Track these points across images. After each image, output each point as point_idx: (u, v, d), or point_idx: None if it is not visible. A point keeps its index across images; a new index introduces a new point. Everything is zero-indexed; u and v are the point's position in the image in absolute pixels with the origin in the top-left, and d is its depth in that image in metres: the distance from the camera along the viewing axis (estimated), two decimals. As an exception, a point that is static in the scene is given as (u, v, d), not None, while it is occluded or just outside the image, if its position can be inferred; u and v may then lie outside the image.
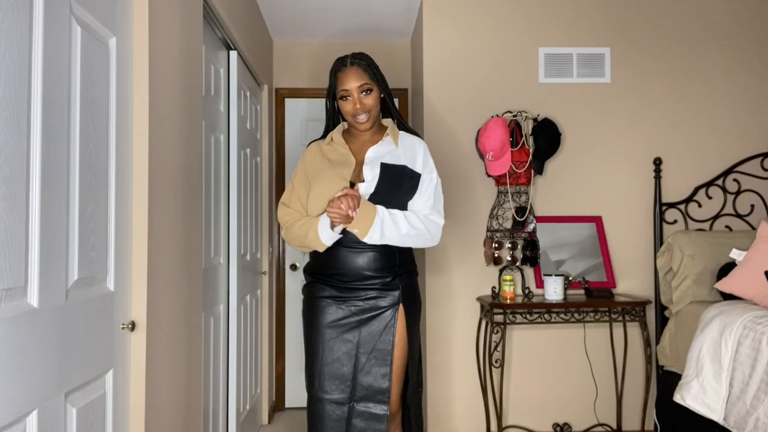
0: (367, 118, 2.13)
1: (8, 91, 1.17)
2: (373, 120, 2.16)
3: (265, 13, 3.73)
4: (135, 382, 1.75)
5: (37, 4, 1.29)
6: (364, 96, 2.12)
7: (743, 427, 2.37)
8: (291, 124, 4.27)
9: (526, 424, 3.36)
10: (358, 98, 2.11)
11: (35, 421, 1.26)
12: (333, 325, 2.08)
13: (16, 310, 1.20)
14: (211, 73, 2.70)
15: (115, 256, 1.66)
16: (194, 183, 2.29)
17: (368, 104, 2.12)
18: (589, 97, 3.48)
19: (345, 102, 2.13)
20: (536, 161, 3.30)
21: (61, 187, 1.38)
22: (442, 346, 3.38)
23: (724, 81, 3.51)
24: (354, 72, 2.12)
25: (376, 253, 2.08)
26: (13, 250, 1.19)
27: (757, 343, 2.37)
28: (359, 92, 2.11)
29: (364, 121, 2.13)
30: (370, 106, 2.12)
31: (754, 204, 3.44)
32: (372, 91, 2.13)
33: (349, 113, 2.14)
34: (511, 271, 3.30)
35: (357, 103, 2.11)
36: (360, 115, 2.12)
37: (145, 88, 1.78)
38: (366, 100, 2.12)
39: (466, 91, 3.44)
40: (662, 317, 3.34)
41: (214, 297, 2.73)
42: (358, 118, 2.13)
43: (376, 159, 2.11)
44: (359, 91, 2.11)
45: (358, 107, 2.11)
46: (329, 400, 2.04)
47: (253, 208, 3.49)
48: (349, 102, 2.12)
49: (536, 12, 3.48)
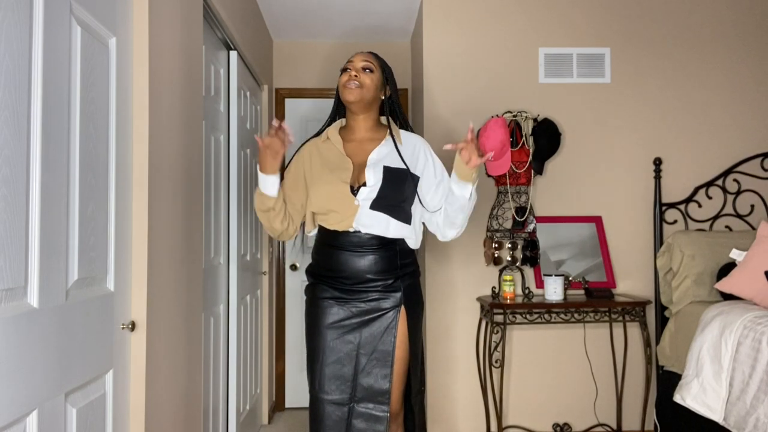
0: (357, 88, 2.08)
1: (8, 91, 1.17)
2: (360, 98, 2.10)
3: (265, 13, 3.73)
4: (135, 382, 1.75)
5: (37, 4, 1.29)
6: (364, 72, 2.11)
7: (743, 427, 2.37)
8: (291, 124, 4.27)
9: (526, 424, 3.36)
10: (356, 69, 2.10)
11: (35, 421, 1.26)
12: (335, 325, 2.07)
13: (16, 310, 1.20)
14: (211, 73, 2.70)
15: (115, 256, 1.66)
16: (194, 183, 2.29)
17: (364, 80, 2.09)
18: (589, 97, 3.48)
19: (344, 74, 2.12)
20: (536, 161, 3.30)
21: (61, 187, 1.37)
22: (442, 346, 3.38)
23: (724, 81, 3.51)
24: (363, 54, 2.15)
25: (378, 255, 2.07)
26: (13, 250, 1.19)
27: (757, 343, 2.37)
28: (360, 67, 2.11)
29: (351, 89, 2.08)
30: (365, 81, 2.09)
31: (754, 204, 3.44)
32: (373, 72, 2.12)
33: (342, 83, 2.11)
34: (511, 271, 3.30)
35: (353, 71, 2.10)
36: (351, 82, 2.08)
37: (145, 88, 1.78)
38: (363, 76, 2.10)
39: (466, 91, 3.44)
40: (662, 317, 3.34)
41: (214, 297, 2.73)
42: (348, 84, 2.09)
43: (378, 161, 2.10)
44: (361, 67, 2.11)
45: (353, 75, 2.09)
46: (329, 401, 2.04)
47: (253, 208, 3.49)
48: (346, 73, 2.11)
49: (536, 12, 3.48)
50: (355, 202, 2.04)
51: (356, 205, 2.04)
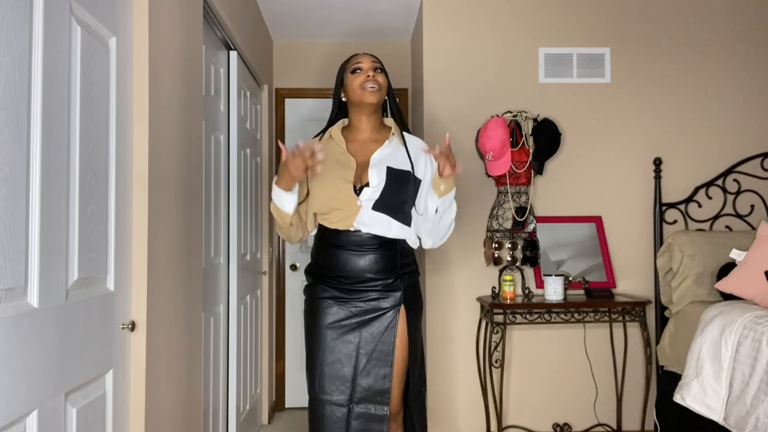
0: (377, 89, 2.08)
1: (8, 91, 1.17)
2: (380, 99, 2.11)
3: (265, 13, 3.73)
4: (135, 382, 1.75)
5: (37, 4, 1.29)
6: (376, 72, 2.10)
7: (743, 427, 2.37)
8: (291, 124, 4.28)
9: (526, 424, 3.36)
10: (370, 69, 2.10)
11: (35, 421, 1.26)
12: (334, 325, 2.07)
13: (16, 310, 1.20)
14: (211, 73, 2.70)
15: (115, 256, 1.66)
16: (194, 183, 2.29)
17: (379, 80, 2.10)
18: (589, 97, 3.48)
19: (355, 75, 2.10)
20: (536, 161, 3.30)
21: (61, 187, 1.38)
22: (442, 346, 3.38)
23: (724, 81, 3.51)
24: (369, 56, 2.15)
25: (378, 255, 2.07)
26: (13, 250, 1.19)
27: (757, 343, 2.37)
28: (372, 68, 2.11)
29: (374, 90, 2.07)
30: (380, 82, 2.10)
31: (754, 204, 3.44)
32: (383, 73, 2.13)
33: (358, 86, 2.09)
34: (511, 271, 3.30)
35: (369, 72, 2.09)
36: (369, 83, 2.07)
37: (145, 88, 1.78)
38: (378, 77, 2.10)
39: (466, 91, 3.44)
40: (662, 317, 3.34)
41: (214, 297, 2.73)
42: (367, 86, 2.07)
43: (382, 162, 2.09)
44: (372, 67, 2.11)
45: (370, 75, 2.08)
46: (329, 401, 2.04)
47: (253, 208, 3.49)
48: (360, 74, 2.10)
49: (536, 12, 3.48)
50: (358, 203, 2.04)
51: (358, 205, 2.04)
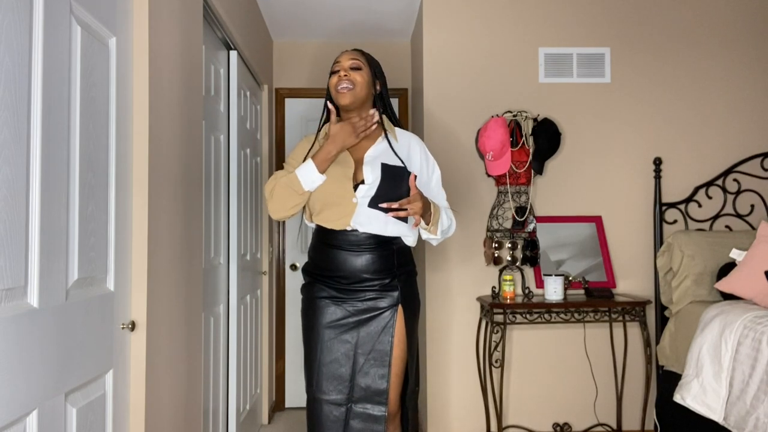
0: (349, 90, 2.07)
1: (8, 91, 1.17)
2: (355, 99, 2.09)
3: (265, 13, 3.73)
4: (135, 382, 1.75)
5: (37, 4, 1.29)
6: (353, 71, 2.09)
7: (743, 427, 2.37)
8: (291, 124, 4.28)
9: (526, 424, 3.36)
10: (344, 69, 2.09)
11: (35, 421, 1.26)
12: (332, 325, 2.07)
13: (16, 310, 1.20)
14: (211, 73, 2.70)
15: (115, 256, 1.66)
16: (194, 183, 2.29)
17: (354, 78, 2.08)
18: (589, 97, 3.48)
19: (333, 76, 2.11)
20: (536, 161, 3.30)
21: (61, 187, 1.38)
22: (442, 346, 3.38)
23: (725, 81, 3.51)
24: (349, 53, 2.14)
25: (375, 254, 2.07)
26: (13, 250, 1.19)
27: (757, 343, 2.37)
28: (349, 67, 2.10)
29: (344, 92, 2.06)
30: (355, 80, 2.08)
31: (754, 204, 3.44)
32: (361, 70, 2.11)
33: (333, 86, 2.10)
34: (511, 271, 3.30)
35: (343, 71, 2.09)
36: (342, 83, 2.07)
37: (145, 88, 1.78)
38: (354, 75, 2.09)
39: (466, 91, 3.44)
40: (662, 317, 3.34)
41: (214, 297, 2.73)
42: (339, 87, 2.07)
43: (376, 158, 2.10)
44: (349, 66, 2.10)
45: (342, 75, 2.08)
46: (327, 401, 2.04)
47: (253, 208, 3.49)
48: (335, 76, 2.10)
49: (536, 12, 3.48)
50: (354, 200, 2.04)
51: (354, 203, 2.04)
